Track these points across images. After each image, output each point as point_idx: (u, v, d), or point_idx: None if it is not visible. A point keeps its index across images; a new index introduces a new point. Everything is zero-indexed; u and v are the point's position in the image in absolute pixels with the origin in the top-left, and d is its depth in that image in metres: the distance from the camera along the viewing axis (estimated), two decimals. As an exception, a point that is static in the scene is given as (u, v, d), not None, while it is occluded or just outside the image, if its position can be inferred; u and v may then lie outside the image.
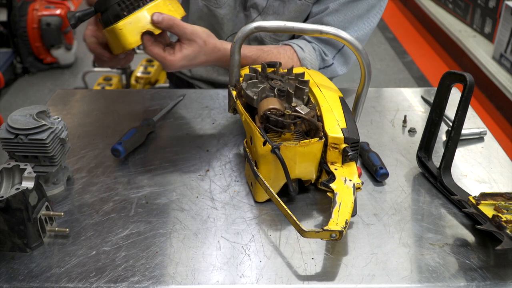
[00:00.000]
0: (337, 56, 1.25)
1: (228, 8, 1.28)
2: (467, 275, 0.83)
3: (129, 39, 1.03)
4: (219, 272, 0.83)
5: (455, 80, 0.98)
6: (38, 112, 0.96)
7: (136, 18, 1.02)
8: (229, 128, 1.23)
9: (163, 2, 1.04)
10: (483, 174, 1.08)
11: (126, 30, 1.02)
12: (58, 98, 1.37)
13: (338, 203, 0.85)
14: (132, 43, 1.03)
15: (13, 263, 0.84)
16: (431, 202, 0.99)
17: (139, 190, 1.02)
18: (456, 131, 0.98)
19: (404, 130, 1.23)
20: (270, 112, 0.90)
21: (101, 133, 1.21)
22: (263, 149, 0.90)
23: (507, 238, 0.80)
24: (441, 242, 0.89)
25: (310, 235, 0.81)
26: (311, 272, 0.83)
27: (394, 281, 0.82)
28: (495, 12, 3.33)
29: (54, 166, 0.97)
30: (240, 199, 1.00)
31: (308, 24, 0.96)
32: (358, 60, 0.96)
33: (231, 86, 1.05)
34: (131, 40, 1.03)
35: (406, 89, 1.44)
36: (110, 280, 0.81)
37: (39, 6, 3.58)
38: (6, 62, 3.50)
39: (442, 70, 3.53)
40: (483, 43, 3.49)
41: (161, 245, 0.88)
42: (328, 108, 0.96)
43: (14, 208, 0.82)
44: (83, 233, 0.91)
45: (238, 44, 0.99)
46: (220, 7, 1.28)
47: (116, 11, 1.01)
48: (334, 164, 0.92)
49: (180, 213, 0.96)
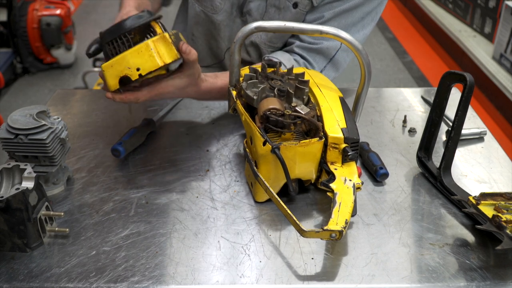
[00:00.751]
0: (329, 66, 1.25)
1: (224, 14, 1.29)
2: (467, 275, 0.83)
3: (109, 82, 0.96)
4: (219, 272, 0.83)
5: (455, 80, 0.98)
6: (38, 112, 0.96)
7: (117, 60, 0.94)
8: (229, 128, 1.23)
9: (145, 46, 0.94)
10: (483, 174, 1.08)
11: (107, 73, 0.95)
12: (58, 98, 1.37)
13: (338, 203, 0.85)
14: (111, 86, 0.96)
15: (13, 263, 0.84)
16: (431, 202, 0.99)
17: (139, 190, 1.02)
18: (456, 131, 0.98)
19: (404, 130, 1.23)
20: (270, 112, 0.90)
21: (101, 133, 1.21)
22: (263, 149, 0.90)
23: (507, 238, 0.80)
24: (441, 242, 0.89)
25: (310, 235, 0.81)
26: (311, 272, 0.83)
27: (394, 281, 0.82)
28: (495, 12, 3.33)
29: (54, 166, 0.97)
30: (240, 199, 1.00)
31: (308, 24, 0.96)
32: (358, 60, 0.96)
33: (231, 86, 1.05)
34: (111, 82, 0.96)
35: (406, 89, 1.44)
36: (110, 280, 0.81)
37: (39, 6, 3.58)
38: (6, 62, 3.49)
39: (442, 70, 3.53)
40: (483, 43, 3.48)
41: (161, 245, 0.88)
42: (328, 108, 0.96)
43: (14, 208, 0.82)
44: (83, 233, 0.91)
45: (238, 44, 0.99)
46: (216, 13, 1.29)
47: (105, 51, 0.97)
48: (334, 164, 0.92)
49: (180, 213, 0.96)
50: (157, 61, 0.94)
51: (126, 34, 0.95)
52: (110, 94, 0.98)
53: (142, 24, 0.96)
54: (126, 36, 0.95)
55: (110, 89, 0.97)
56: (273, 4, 1.23)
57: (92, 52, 1.00)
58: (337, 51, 1.23)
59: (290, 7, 1.21)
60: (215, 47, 1.37)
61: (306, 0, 1.20)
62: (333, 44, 1.22)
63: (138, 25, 0.95)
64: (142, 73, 0.94)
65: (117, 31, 0.95)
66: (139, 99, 1.00)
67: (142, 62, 0.94)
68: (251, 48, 1.32)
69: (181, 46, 0.97)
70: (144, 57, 0.93)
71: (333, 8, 1.20)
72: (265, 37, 1.28)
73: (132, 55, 0.93)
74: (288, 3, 1.21)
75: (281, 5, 1.22)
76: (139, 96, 0.99)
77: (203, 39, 1.37)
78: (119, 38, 0.95)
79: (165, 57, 0.95)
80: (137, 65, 0.94)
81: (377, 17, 1.24)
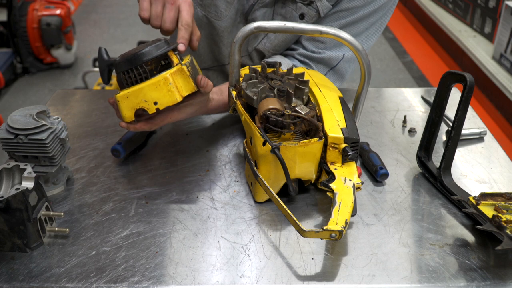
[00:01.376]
0: (329, 74, 1.25)
1: (229, 21, 1.27)
2: (467, 275, 0.83)
3: (124, 113, 0.93)
4: (219, 272, 0.83)
5: (455, 80, 0.98)
6: (38, 112, 0.96)
7: (134, 92, 0.91)
8: (229, 128, 1.23)
9: (163, 80, 0.90)
10: (483, 174, 1.08)
11: (122, 104, 0.92)
12: (58, 98, 1.37)
13: (338, 203, 0.85)
14: (126, 118, 0.93)
15: (13, 263, 0.84)
16: (431, 202, 0.99)
17: (139, 190, 1.02)
18: (456, 131, 0.98)
19: (404, 130, 1.23)
20: (270, 112, 0.90)
21: (101, 133, 1.21)
22: (263, 149, 0.90)
23: (507, 238, 0.80)
24: (441, 242, 0.89)
25: (310, 235, 0.81)
26: (311, 272, 0.83)
27: (394, 281, 0.82)
28: (495, 12, 3.33)
29: (54, 166, 0.97)
30: (240, 199, 1.00)
31: (308, 25, 0.96)
32: (358, 60, 0.96)
33: (231, 86, 1.05)
34: (126, 114, 0.93)
35: (406, 89, 1.44)
36: (110, 280, 0.81)
37: (39, 6, 3.58)
38: (6, 62, 3.50)
39: (442, 70, 3.54)
40: (483, 43, 3.48)
41: (161, 245, 0.88)
42: (328, 108, 0.96)
43: (14, 208, 0.82)
44: (83, 233, 0.91)
45: (238, 44, 0.99)
46: (220, 19, 1.27)
47: (120, 79, 0.93)
48: (334, 164, 0.92)
49: (180, 213, 0.96)
50: (175, 96, 0.91)
51: (142, 65, 0.91)
52: (124, 124, 0.95)
53: (160, 55, 0.92)
54: (142, 67, 0.91)
55: (125, 120, 0.94)
56: (280, 13, 1.22)
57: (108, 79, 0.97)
58: (339, 61, 1.23)
59: (296, 17, 1.20)
60: (216, 52, 1.36)
61: (313, 12, 1.19)
62: (335, 54, 1.22)
63: (155, 56, 0.92)
64: (160, 107, 0.91)
65: (133, 62, 0.91)
66: (152, 128, 0.98)
67: (160, 97, 0.91)
68: (254, 55, 1.32)
69: (199, 80, 0.94)
70: (162, 91, 0.90)
71: (339, 19, 1.19)
72: (269, 45, 1.27)
73: (149, 88, 0.90)
74: (295, 13, 1.20)
75: (287, 14, 1.21)
76: (152, 126, 0.98)
77: (204, 42, 1.36)
78: (135, 68, 0.91)
79: (182, 90, 0.92)
80: (154, 99, 0.91)
81: (382, 28, 1.23)
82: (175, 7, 0.98)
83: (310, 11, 1.19)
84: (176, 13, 0.98)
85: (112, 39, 4.37)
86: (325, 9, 1.18)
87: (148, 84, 0.90)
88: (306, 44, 1.24)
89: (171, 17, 0.98)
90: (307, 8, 1.19)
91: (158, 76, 0.91)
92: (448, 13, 4.02)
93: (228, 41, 1.31)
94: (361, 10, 1.17)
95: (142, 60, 0.90)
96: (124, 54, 0.93)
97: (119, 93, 0.91)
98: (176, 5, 0.98)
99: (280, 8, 1.22)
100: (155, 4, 0.98)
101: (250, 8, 1.23)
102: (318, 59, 1.23)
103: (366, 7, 1.17)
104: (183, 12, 0.98)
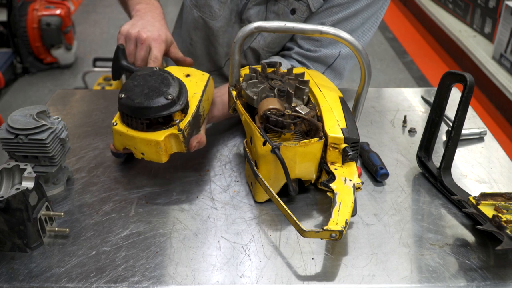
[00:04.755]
0: (327, 72, 1.25)
1: (223, 21, 1.28)
2: (467, 275, 0.83)
3: (115, 143, 0.97)
4: (219, 272, 0.83)
5: (455, 80, 0.98)
6: (38, 112, 0.96)
7: (126, 136, 0.94)
8: (229, 128, 1.23)
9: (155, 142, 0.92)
10: (483, 174, 1.08)
11: (115, 135, 0.95)
12: (58, 98, 1.37)
13: (338, 203, 0.85)
14: (116, 147, 0.98)
15: (13, 263, 0.84)
16: (431, 202, 0.99)
17: (139, 190, 1.02)
18: (456, 131, 0.98)
19: (404, 130, 1.23)
20: (270, 112, 0.90)
21: (101, 133, 1.21)
22: (263, 149, 0.90)
23: (507, 238, 0.80)
24: (441, 242, 0.89)
25: (310, 235, 0.81)
26: (311, 272, 0.83)
27: (394, 281, 0.82)
28: (495, 12, 3.33)
29: (54, 166, 0.97)
30: (240, 199, 1.00)
31: (308, 24, 0.96)
32: (358, 60, 0.96)
33: (231, 86, 1.05)
34: (116, 145, 0.97)
35: (406, 89, 1.44)
36: (110, 280, 0.81)
37: (39, 6, 3.58)
38: (6, 62, 3.50)
39: (442, 70, 3.54)
40: (483, 43, 3.48)
41: (161, 245, 0.88)
42: (328, 108, 0.96)
43: (14, 208, 0.82)
44: (83, 233, 0.91)
45: (238, 44, 0.99)
46: (215, 19, 1.28)
47: (120, 111, 0.95)
48: (334, 164, 0.92)
49: (180, 213, 0.96)
50: (161, 158, 0.94)
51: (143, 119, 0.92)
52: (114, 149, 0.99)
53: (164, 115, 0.92)
54: (142, 123, 0.92)
55: (115, 147, 0.98)
56: (272, 10, 1.23)
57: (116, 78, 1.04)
58: (336, 59, 1.23)
59: (288, 13, 1.21)
60: (213, 53, 1.36)
61: (304, 7, 1.20)
62: (331, 52, 1.22)
63: (158, 116, 0.92)
64: (145, 158, 0.95)
65: (136, 114, 0.91)
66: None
67: (147, 152, 0.94)
68: (249, 53, 1.32)
69: (192, 144, 0.97)
70: (151, 149, 0.93)
71: (333, 14, 1.19)
72: (263, 42, 1.28)
73: (140, 141, 0.93)
74: (287, 9, 1.21)
75: (280, 11, 1.22)
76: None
77: (202, 44, 1.36)
78: (135, 118, 0.92)
79: (171, 149, 0.95)
80: (142, 151, 0.94)
81: (377, 23, 1.24)
82: (145, 46, 1.06)
83: (301, 6, 1.20)
84: (146, 52, 1.06)
85: (112, 39, 4.37)
86: (316, 3, 1.19)
87: (140, 137, 0.92)
88: (301, 42, 1.24)
89: (141, 55, 1.06)
90: (298, 3, 1.19)
91: (153, 134, 0.92)
92: (448, 13, 4.02)
93: (223, 40, 1.32)
94: (354, 5, 1.17)
95: (144, 116, 0.91)
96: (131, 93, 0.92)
97: (116, 126, 0.94)
98: (147, 44, 1.06)
99: (272, 5, 1.22)
100: (128, 43, 1.07)
101: (244, 7, 1.24)
102: (314, 57, 1.23)
103: (359, 1, 1.17)
104: (154, 49, 1.06)
